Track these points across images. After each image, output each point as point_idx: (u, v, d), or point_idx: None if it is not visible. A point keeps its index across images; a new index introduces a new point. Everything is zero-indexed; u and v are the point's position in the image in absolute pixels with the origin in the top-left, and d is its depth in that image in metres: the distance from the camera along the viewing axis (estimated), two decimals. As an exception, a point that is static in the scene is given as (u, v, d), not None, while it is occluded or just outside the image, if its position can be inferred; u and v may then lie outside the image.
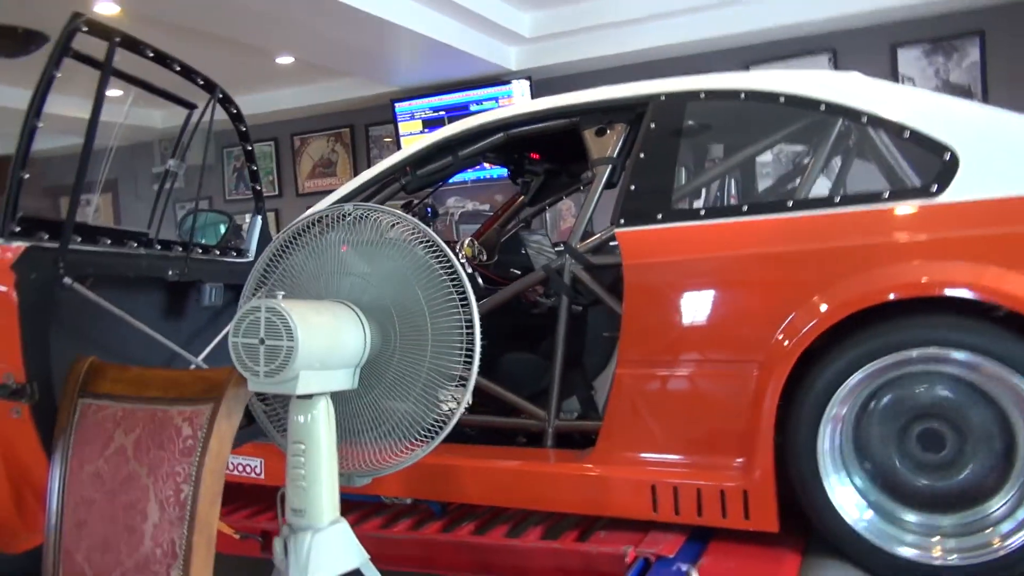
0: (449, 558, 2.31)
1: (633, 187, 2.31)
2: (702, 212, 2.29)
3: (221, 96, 2.37)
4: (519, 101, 6.35)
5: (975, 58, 5.26)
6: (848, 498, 1.97)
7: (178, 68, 2.15)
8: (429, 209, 3.59)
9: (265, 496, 2.69)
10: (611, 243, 2.40)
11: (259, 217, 2.68)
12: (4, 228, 1.79)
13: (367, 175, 2.81)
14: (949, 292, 1.87)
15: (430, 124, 6.86)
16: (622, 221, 2.28)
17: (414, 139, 6.93)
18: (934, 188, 1.98)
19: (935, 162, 2.01)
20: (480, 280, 2.89)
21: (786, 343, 2.01)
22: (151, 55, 2.05)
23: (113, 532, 1.51)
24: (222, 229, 2.73)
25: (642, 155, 2.33)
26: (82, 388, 1.67)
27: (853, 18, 5.35)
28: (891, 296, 1.90)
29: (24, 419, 1.74)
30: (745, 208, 2.22)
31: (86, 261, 1.95)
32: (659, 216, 2.24)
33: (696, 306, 2.18)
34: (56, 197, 9.72)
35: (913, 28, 5.38)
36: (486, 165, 5.57)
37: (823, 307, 1.97)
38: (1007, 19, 5.19)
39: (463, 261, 3.04)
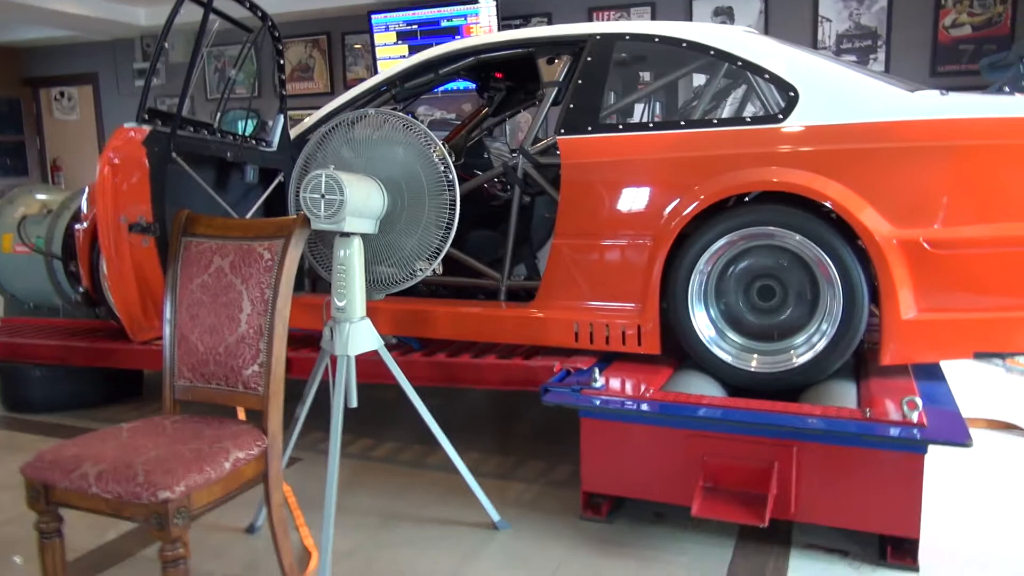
0: (427, 374, 3.16)
1: (572, 105, 3.07)
2: (620, 126, 3.02)
3: (270, 24, 3.08)
4: (484, 17, 6.97)
5: (883, 3, 6.05)
6: (703, 322, 2.85)
7: (248, 4, 2.86)
8: (410, 115, 4.30)
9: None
10: (555, 148, 3.19)
11: (282, 116, 3.40)
12: (139, 116, 2.53)
13: (365, 85, 3.52)
14: (778, 189, 2.69)
15: (403, 36, 7.42)
16: (562, 131, 3.05)
17: (388, 49, 7.52)
18: (781, 116, 2.79)
19: (784, 97, 2.82)
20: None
21: (672, 223, 2.84)
22: None
23: (218, 320, 2.30)
24: (251, 125, 3.43)
25: (580, 80, 3.09)
26: (184, 230, 2.43)
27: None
28: (738, 191, 2.74)
29: (150, 247, 2.53)
30: (651, 124, 3.02)
31: (183, 142, 2.70)
32: (589, 128, 3.02)
33: (612, 195, 2.93)
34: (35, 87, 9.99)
35: (833, -26, 6.15)
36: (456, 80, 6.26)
37: (698, 197, 2.80)
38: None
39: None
